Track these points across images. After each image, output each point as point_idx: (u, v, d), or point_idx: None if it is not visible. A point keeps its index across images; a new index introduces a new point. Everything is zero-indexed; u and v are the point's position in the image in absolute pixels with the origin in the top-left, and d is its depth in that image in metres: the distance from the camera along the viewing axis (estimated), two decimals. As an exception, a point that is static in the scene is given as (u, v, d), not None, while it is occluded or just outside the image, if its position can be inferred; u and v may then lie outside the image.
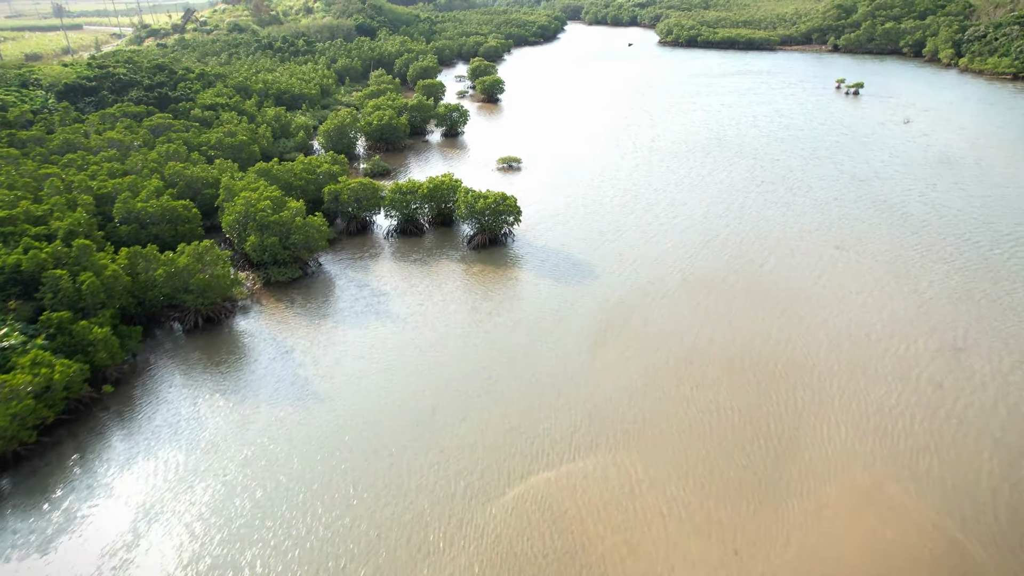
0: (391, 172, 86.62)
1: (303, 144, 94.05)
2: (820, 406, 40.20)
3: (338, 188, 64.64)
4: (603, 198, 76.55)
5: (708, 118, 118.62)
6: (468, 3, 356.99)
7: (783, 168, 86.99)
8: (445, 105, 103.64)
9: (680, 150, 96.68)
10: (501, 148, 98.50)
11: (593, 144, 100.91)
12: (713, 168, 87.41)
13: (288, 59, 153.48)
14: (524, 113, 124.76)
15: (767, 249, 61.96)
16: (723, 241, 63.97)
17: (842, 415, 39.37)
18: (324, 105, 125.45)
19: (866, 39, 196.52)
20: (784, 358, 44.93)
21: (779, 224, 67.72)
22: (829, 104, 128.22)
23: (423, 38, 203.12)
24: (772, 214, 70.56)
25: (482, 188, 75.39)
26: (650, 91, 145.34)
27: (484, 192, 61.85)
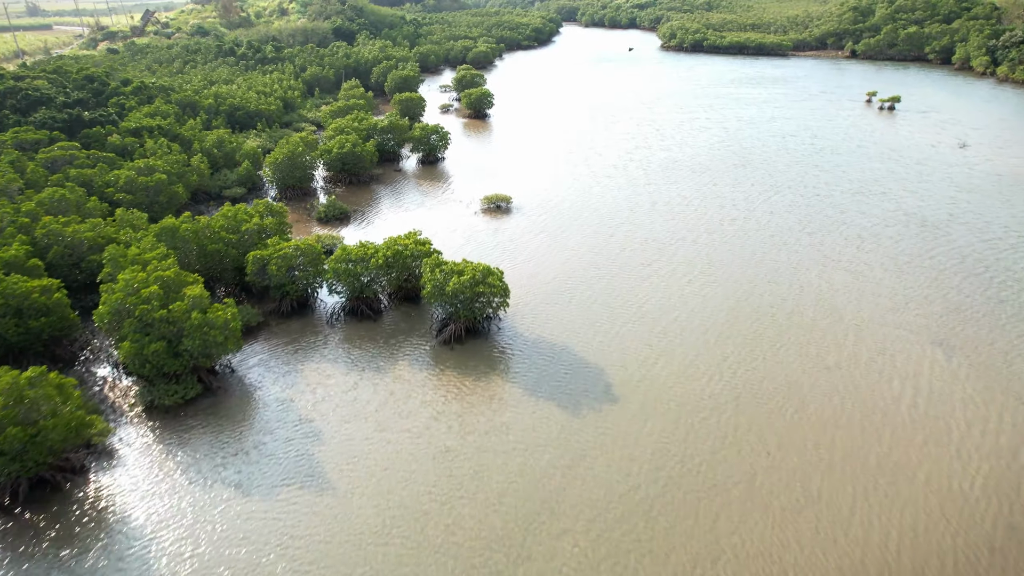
0: (350, 216, 70.15)
1: (248, 177, 77.53)
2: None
3: (265, 255, 48.23)
4: (615, 253, 60.39)
5: (728, 138, 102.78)
6: (458, 4, 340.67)
7: (832, 207, 71.04)
8: (422, 126, 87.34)
9: (703, 182, 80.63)
10: (488, 179, 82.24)
11: (598, 174, 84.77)
12: (747, 207, 71.34)
13: (252, 67, 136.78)
14: (516, 133, 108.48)
15: (841, 345, 45.88)
16: (780, 329, 47.87)
17: None
18: (286, 123, 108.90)
19: (887, 44, 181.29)
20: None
21: (850, 300, 51.64)
22: (863, 121, 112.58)
23: (407, 42, 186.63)
24: (837, 282, 54.49)
25: (460, 242, 59.62)
26: (657, 104, 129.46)
27: (459, 264, 45.57)
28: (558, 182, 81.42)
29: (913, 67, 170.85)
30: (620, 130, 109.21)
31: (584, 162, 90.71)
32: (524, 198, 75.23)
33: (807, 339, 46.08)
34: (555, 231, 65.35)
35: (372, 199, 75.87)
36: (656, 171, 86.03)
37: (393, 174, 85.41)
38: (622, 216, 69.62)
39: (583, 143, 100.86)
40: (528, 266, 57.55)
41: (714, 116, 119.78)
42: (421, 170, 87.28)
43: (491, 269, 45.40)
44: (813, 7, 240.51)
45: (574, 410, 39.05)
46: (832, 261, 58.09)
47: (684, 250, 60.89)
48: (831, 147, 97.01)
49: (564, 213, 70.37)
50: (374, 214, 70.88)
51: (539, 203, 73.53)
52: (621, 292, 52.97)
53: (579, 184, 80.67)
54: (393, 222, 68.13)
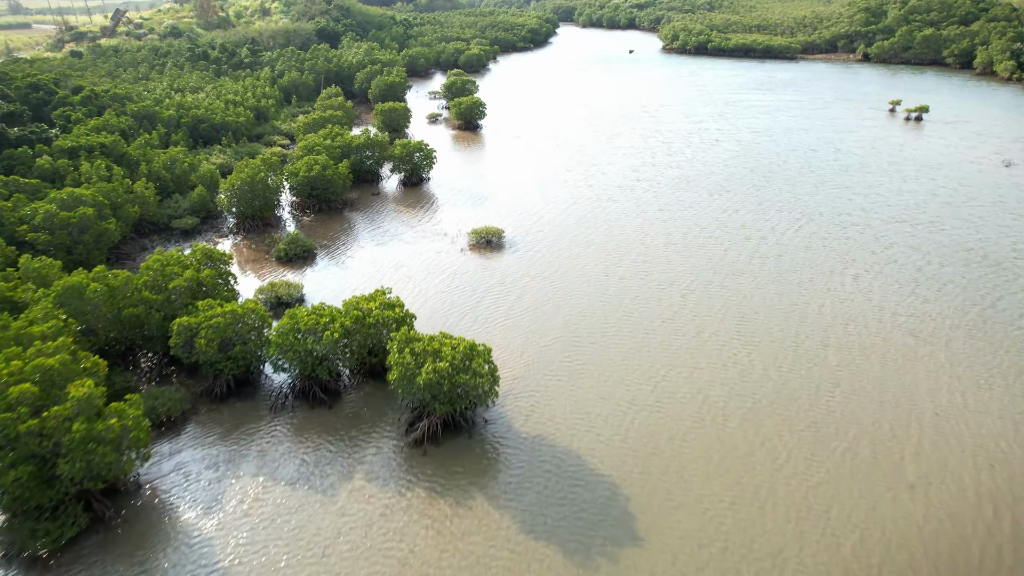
0: (316, 255, 60.11)
1: (202, 204, 67.44)
2: None
3: (193, 324, 38.23)
4: (628, 303, 50.56)
5: (743, 152, 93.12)
6: (452, 3, 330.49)
7: (875, 241, 61.28)
8: (404, 143, 77.34)
9: (721, 207, 70.83)
10: (477, 205, 72.32)
11: (601, 197, 74.95)
12: (777, 241, 61.52)
13: (225, 72, 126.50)
14: (510, 147, 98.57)
15: (925, 454, 36.21)
16: (843, 425, 38.09)
17: None
18: (256, 135, 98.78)
19: (902, 47, 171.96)
20: None
21: (922, 378, 41.91)
22: (890, 133, 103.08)
23: (395, 45, 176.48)
24: (900, 349, 44.65)
25: (441, 291, 49.27)
26: (662, 113, 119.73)
27: (435, 340, 35.64)
28: (557, 208, 71.59)
29: (930, 71, 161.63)
30: (624, 143, 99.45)
31: (585, 182, 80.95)
32: (518, 229, 65.36)
33: (878, 440, 36.31)
34: (555, 274, 55.48)
35: (343, 231, 65.83)
36: (667, 193, 76.29)
37: (370, 198, 75.35)
38: (632, 253, 59.81)
39: (584, 159, 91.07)
40: (523, 325, 47.68)
41: (725, 126, 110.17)
42: (403, 193, 77.27)
43: (476, 348, 35.51)
44: (819, 7, 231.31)
45: (586, 552, 29.23)
46: (890, 317, 48.33)
47: (710, 300, 51.08)
48: (859, 164, 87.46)
49: (565, 249, 60.54)
50: (344, 251, 60.87)
51: (535, 236, 63.64)
52: (638, 362, 43.15)
53: (581, 210, 70.86)
54: (365, 262, 58.20)
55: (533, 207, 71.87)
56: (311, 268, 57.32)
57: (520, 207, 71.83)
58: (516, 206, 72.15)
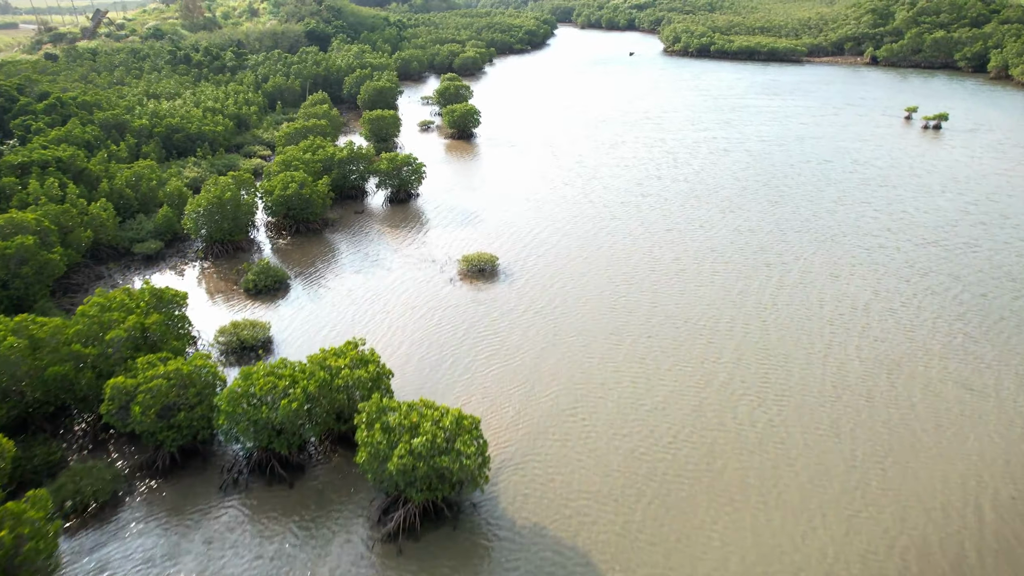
0: (289, 285, 54.08)
1: (168, 225, 61.41)
2: None
3: (130, 387, 32.24)
4: (641, 351, 44.68)
5: (754, 163, 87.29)
6: (447, 3, 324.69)
7: (914, 271, 55.39)
8: (391, 157, 71.36)
9: (736, 227, 64.97)
10: (469, 226, 66.38)
11: (604, 215, 69.07)
12: (803, 271, 55.60)
13: (207, 77, 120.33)
14: (505, 158, 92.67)
15: None
16: (925, 535, 32.30)
17: None
18: (236, 145, 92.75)
19: (911, 50, 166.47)
20: None
21: (1016, 476, 36.13)
22: (908, 142, 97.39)
23: (388, 47, 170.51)
24: (982, 445, 38.92)
25: (425, 333, 42.66)
26: (666, 119, 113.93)
27: (413, 410, 29.69)
28: (556, 228, 65.68)
29: (941, 75, 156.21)
30: (626, 154, 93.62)
31: (586, 197, 75.07)
32: (513, 253, 59.42)
33: (947, 533, 30.45)
34: (555, 310, 49.51)
35: (322, 256, 59.80)
36: (675, 210, 70.44)
37: (354, 217, 69.31)
38: (640, 282, 53.90)
39: (584, 171, 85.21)
40: (519, 375, 41.75)
41: (732, 134, 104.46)
42: (389, 211, 71.23)
43: (462, 420, 29.58)
44: (822, 8, 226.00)
45: None
46: (938, 363, 42.41)
47: (731, 343, 45.17)
48: (879, 177, 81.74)
49: (565, 278, 54.59)
50: (321, 281, 54.85)
51: (532, 262, 57.67)
52: (652, 422, 37.26)
53: (581, 230, 64.97)
54: (342, 296, 52.20)
55: (530, 227, 65.95)
56: (282, 302, 51.29)
57: (516, 227, 65.91)
58: (511, 226, 66.23)
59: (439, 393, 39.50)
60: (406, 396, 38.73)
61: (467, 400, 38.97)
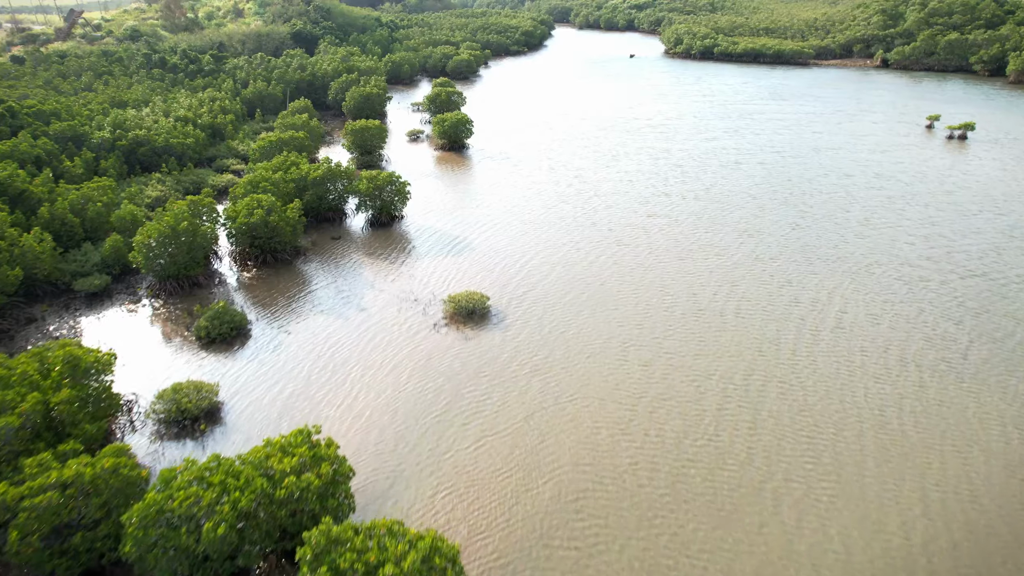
0: (249, 332, 46.92)
1: (117, 256, 54.21)
2: None
3: (10, 498, 25.11)
4: (656, 424, 37.70)
5: (770, 178, 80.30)
6: (443, 3, 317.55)
7: (963, 309, 48.36)
8: (372, 176, 64.23)
9: (756, 256, 57.94)
10: (458, 255, 59.27)
11: (609, 240, 62.03)
12: (838, 316, 48.58)
13: (181, 82, 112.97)
14: (499, 173, 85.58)
15: None
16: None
17: None
18: (208, 159, 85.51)
19: (924, 53, 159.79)
20: None
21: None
22: (933, 154, 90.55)
23: (378, 49, 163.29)
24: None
25: (402, 396, 34.49)
26: (670, 127, 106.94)
27: (370, 552, 22.65)
28: (555, 258, 58.63)
29: (955, 79, 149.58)
30: (630, 167, 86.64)
31: (587, 218, 68.09)
32: (507, 290, 52.31)
33: None
34: (555, 368, 42.40)
35: (290, 293, 52.63)
36: (687, 234, 63.46)
37: (330, 243, 62.12)
38: (653, 326, 46.85)
39: (584, 188, 78.20)
40: (514, 463, 34.62)
41: (743, 144, 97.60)
42: (370, 237, 64.03)
43: (436, 552, 22.54)
44: (826, 9, 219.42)
45: None
46: (1019, 446, 35.49)
47: (765, 410, 38.17)
48: (907, 194, 74.93)
49: (567, 324, 47.51)
50: (286, 325, 47.69)
51: (529, 302, 50.55)
52: (676, 523, 30.25)
53: (583, 259, 57.94)
54: (307, 348, 45.03)
55: (525, 256, 58.88)
56: (238, 353, 44.14)
57: (509, 256, 58.83)
58: (505, 254, 59.16)
59: (415, 484, 32.42)
60: (373, 492, 31.67)
61: (448, 495, 31.89)
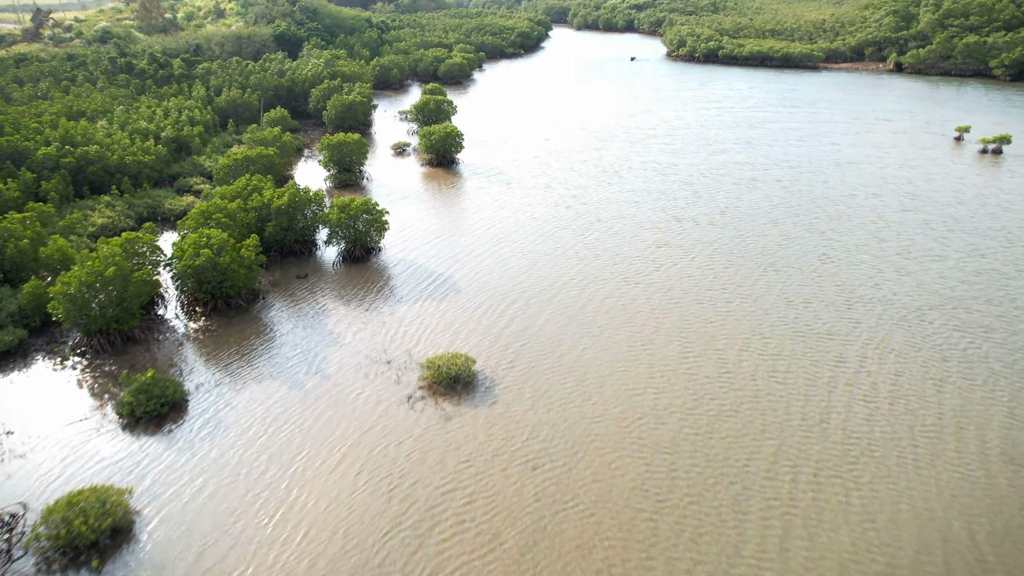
0: (183, 405, 38.77)
1: (37, 305, 46.02)
2: None
3: None
4: (684, 547, 29.76)
5: (790, 198, 72.31)
6: (437, 3, 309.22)
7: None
8: (343, 204, 56.09)
9: (785, 294, 49.96)
10: (442, 298, 51.14)
11: (616, 278, 54.01)
12: (892, 382, 40.57)
13: (149, 89, 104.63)
14: (491, 193, 77.43)
15: None
16: None
17: None
18: (170, 177, 77.30)
19: (940, 56, 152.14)
20: None
21: None
22: (967, 171, 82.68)
23: (367, 52, 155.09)
24: None
25: (364, 516, 28.00)
26: (677, 138, 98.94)
27: None
28: (554, 304, 50.57)
29: (974, 84, 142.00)
30: (635, 185, 78.71)
31: (589, 250, 60.11)
32: (497, 350, 44.19)
33: None
34: (555, 464, 34.21)
35: (239, 351, 44.45)
36: (703, 270, 55.46)
37: (294, 284, 53.93)
38: (676, 400, 38.82)
39: (585, 210, 70.24)
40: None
41: (758, 159, 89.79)
42: (341, 275, 55.87)
43: None
44: (831, 9, 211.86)
45: None
46: None
47: (815, 517, 30.24)
48: (947, 218, 67.16)
49: (568, 396, 39.45)
50: (228, 399, 39.52)
51: (523, 368, 42.35)
52: None
53: (589, 306, 49.90)
54: (251, 435, 36.90)
55: (520, 299, 50.84)
56: (168, 436, 36.01)
57: (502, 300, 50.75)
58: (495, 298, 51.09)
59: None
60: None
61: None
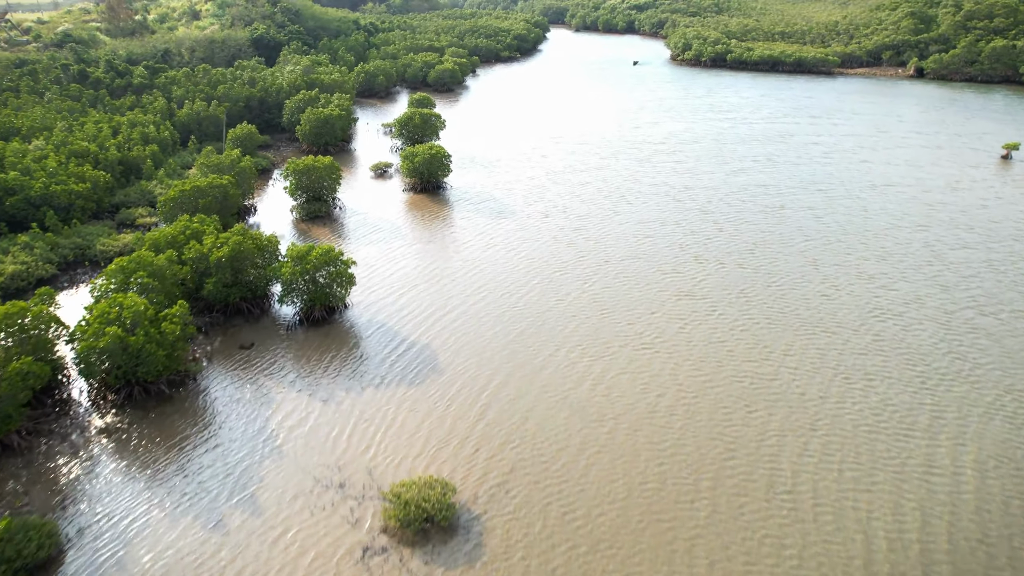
0: (60, 559, 28.64)
1: None
2: None
3: None
4: None
5: (825, 231, 62.49)
6: (431, 3, 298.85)
7: None
8: (300, 255, 45.89)
9: (835, 365, 40.13)
10: (411, 387, 40.88)
11: (627, 337, 44.03)
12: (988, 520, 30.95)
13: (102, 100, 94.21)
14: (482, 229, 67.02)
15: None
16: None
17: None
18: (111, 208, 67.08)
19: (964, 61, 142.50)
20: None
21: None
22: (1022, 196, 73.21)
23: (352, 56, 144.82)
24: None
25: None
26: (688, 155, 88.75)
27: None
28: (556, 391, 40.51)
29: (1001, 91, 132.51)
30: (646, 214, 68.69)
31: (598, 304, 50.14)
32: (483, 467, 33.88)
33: None
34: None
35: (144, 468, 34.13)
36: (737, 334, 45.52)
37: (236, 357, 43.75)
38: (728, 546, 28.98)
39: (589, 247, 60.26)
40: None
41: (782, 180, 79.99)
42: (294, 344, 45.61)
43: None
44: (836, 10, 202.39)
45: None
46: None
47: None
48: (1014, 257, 57.46)
49: (578, 545, 29.55)
50: (115, 548, 29.47)
51: (518, 496, 31.98)
52: None
53: (600, 393, 39.92)
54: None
55: (512, 385, 40.67)
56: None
57: (488, 385, 40.58)
58: (483, 381, 40.94)
59: None
60: None
61: None
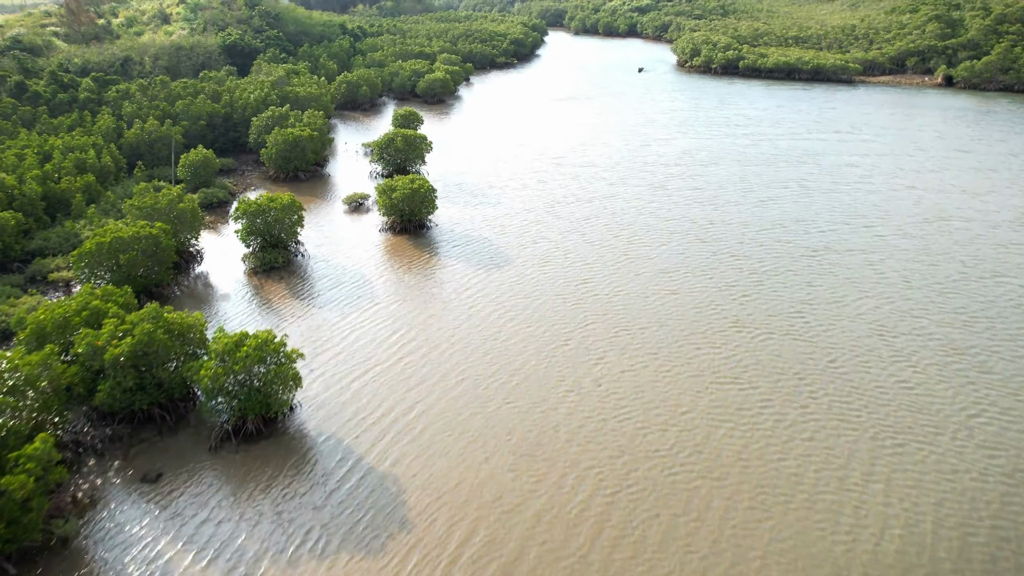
0: None
1: None
2: None
3: None
4: None
5: (885, 283, 51.31)
6: (423, 5, 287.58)
7: None
8: (227, 346, 34.57)
9: (901, 468, 28.99)
10: (370, 557, 29.86)
11: (649, 446, 32.78)
12: None
13: (39, 119, 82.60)
14: (469, 287, 55.46)
15: None
16: None
17: None
18: (26, 256, 55.64)
19: (999, 69, 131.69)
20: None
21: None
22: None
23: (334, 64, 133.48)
24: None
25: None
26: (708, 181, 77.39)
27: None
28: (554, 501, 29.42)
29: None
30: (664, 262, 57.50)
31: (615, 407, 38.84)
32: None
33: None
34: None
35: None
36: (807, 449, 34.35)
37: (132, 499, 32.00)
38: None
39: (601, 312, 48.93)
40: None
41: (819, 212, 69.12)
42: (224, 469, 34.12)
43: None
44: (847, 12, 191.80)
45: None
46: None
47: None
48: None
49: None
50: None
51: None
52: None
53: (608, 496, 28.79)
54: None
55: (495, 547, 29.57)
56: None
57: (464, 552, 29.43)
58: (454, 544, 29.78)
59: None
60: None
61: None
